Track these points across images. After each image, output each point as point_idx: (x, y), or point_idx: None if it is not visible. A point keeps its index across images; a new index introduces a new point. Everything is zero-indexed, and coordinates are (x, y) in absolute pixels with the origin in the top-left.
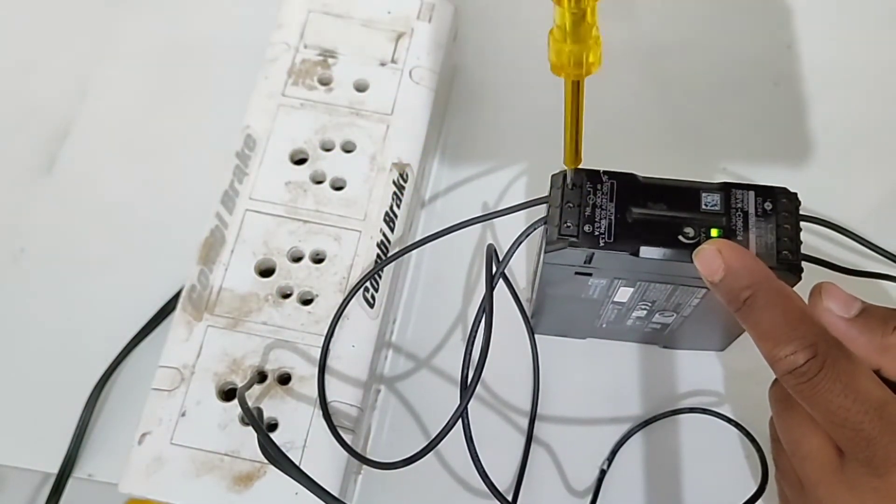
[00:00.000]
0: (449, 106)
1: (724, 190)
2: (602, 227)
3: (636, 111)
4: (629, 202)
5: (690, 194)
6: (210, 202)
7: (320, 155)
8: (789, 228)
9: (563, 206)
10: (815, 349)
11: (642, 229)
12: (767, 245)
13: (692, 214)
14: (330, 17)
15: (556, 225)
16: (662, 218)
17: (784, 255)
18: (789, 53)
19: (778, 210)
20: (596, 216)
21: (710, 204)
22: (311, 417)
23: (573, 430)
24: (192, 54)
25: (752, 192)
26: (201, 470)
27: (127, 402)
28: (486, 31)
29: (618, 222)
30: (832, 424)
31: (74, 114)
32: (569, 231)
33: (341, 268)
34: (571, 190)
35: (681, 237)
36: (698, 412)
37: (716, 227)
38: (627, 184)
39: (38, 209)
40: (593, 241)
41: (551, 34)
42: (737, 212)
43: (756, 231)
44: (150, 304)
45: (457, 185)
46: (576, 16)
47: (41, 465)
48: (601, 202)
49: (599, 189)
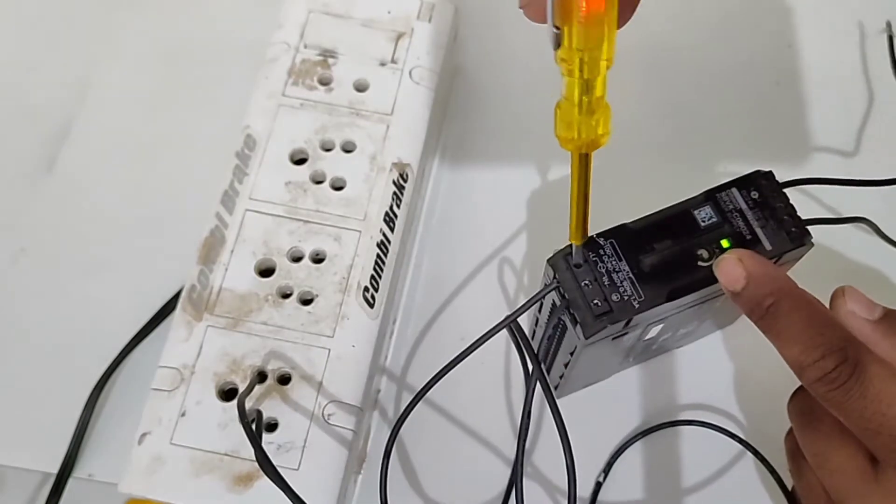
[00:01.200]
0: (449, 106)
1: (711, 198)
2: (628, 290)
3: (637, 111)
4: (636, 253)
5: (683, 218)
6: (210, 202)
7: (320, 155)
8: (782, 206)
9: (582, 287)
10: (844, 353)
11: (663, 272)
12: (775, 232)
13: (697, 236)
14: (330, 17)
15: (586, 308)
16: (673, 253)
17: (792, 231)
18: (790, 53)
19: (764, 194)
20: (616, 281)
21: (705, 219)
22: (311, 418)
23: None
24: (192, 54)
25: (734, 189)
26: (201, 470)
27: (127, 402)
28: (487, 31)
29: (638, 278)
30: (867, 431)
31: (74, 114)
32: (601, 309)
33: (341, 268)
34: (580, 269)
35: (699, 263)
36: (696, 425)
37: (724, 238)
38: (624, 236)
39: (38, 209)
40: (629, 308)
41: (559, 107)
42: (732, 213)
43: (758, 223)
44: (150, 304)
45: (457, 185)
46: (587, 86)
47: (41, 465)
48: (612, 266)
49: (603, 254)
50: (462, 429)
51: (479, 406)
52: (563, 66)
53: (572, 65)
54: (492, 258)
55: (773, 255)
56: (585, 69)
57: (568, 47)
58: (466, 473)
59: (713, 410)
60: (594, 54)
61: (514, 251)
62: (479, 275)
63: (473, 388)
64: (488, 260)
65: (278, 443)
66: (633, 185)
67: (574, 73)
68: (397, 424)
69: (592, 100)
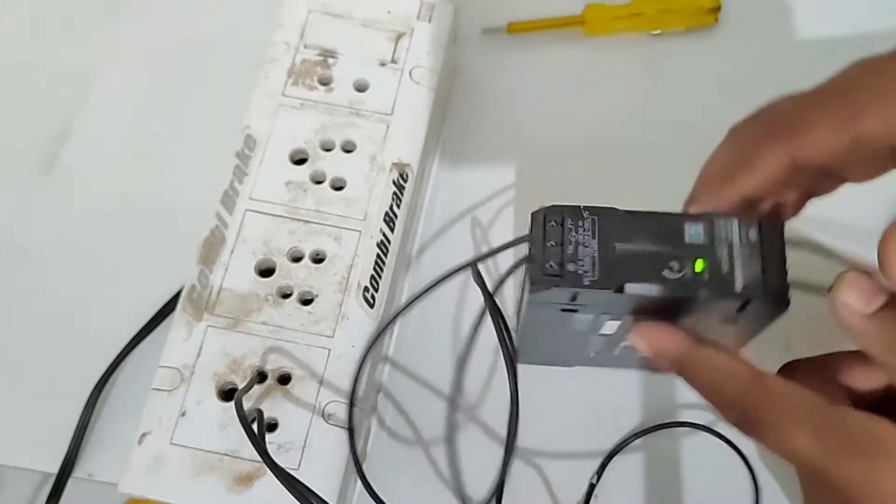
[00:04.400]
0: (449, 106)
1: (707, 220)
2: (586, 265)
3: (637, 110)
4: (612, 238)
5: (673, 226)
6: (210, 202)
7: (320, 155)
8: (775, 256)
9: (545, 245)
10: (739, 410)
11: (626, 265)
12: (754, 275)
13: (676, 247)
14: (330, 17)
15: (540, 265)
16: (646, 253)
17: (771, 284)
18: (790, 53)
19: (763, 238)
20: (579, 254)
21: (693, 235)
22: (311, 418)
23: (561, 443)
24: (192, 54)
25: (735, 221)
26: (201, 470)
27: (127, 402)
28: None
29: (601, 259)
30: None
31: (74, 114)
32: (552, 271)
33: (341, 268)
34: (553, 228)
35: (666, 272)
36: (688, 426)
37: (700, 259)
38: (609, 218)
39: (38, 209)
40: (577, 280)
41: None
42: (721, 243)
43: (741, 262)
44: (150, 304)
45: (457, 185)
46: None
47: (41, 465)
48: (583, 239)
49: (581, 226)
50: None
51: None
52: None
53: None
54: (491, 258)
55: (741, 298)
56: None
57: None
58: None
59: (704, 410)
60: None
61: (513, 251)
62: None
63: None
64: (488, 260)
65: (278, 443)
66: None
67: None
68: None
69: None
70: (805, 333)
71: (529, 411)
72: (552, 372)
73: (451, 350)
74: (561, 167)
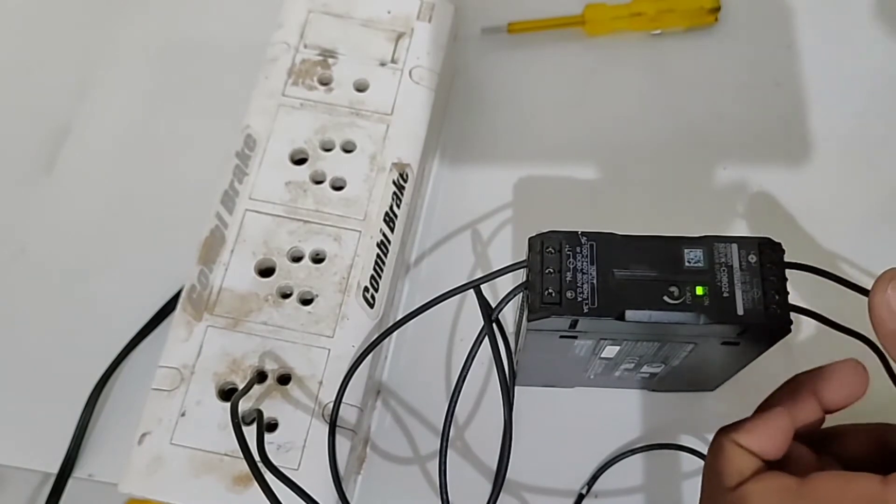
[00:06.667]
0: (449, 106)
1: (707, 244)
2: (585, 293)
3: (637, 110)
4: (610, 263)
5: (672, 251)
6: (210, 202)
7: (320, 155)
8: (775, 281)
9: (544, 272)
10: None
11: (626, 292)
12: (755, 300)
13: (675, 273)
14: (330, 17)
15: (539, 293)
16: (646, 278)
17: (772, 309)
18: (790, 53)
19: (763, 262)
20: (578, 281)
21: (692, 260)
22: (311, 418)
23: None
24: (192, 54)
25: (734, 245)
26: (201, 470)
27: (127, 402)
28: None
29: (600, 286)
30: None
31: (74, 114)
32: (551, 299)
33: (341, 268)
34: (550, 255)
35: (666, 297)
36: (672, 448)
37: (700, 286)
38: (607, 244)
39: (38, 209)
40: (576, 307)
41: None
42: (721, 267)
43: (742, 286)
44: (150, 304)
45: (457, 185)
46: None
47: (41, 465)
48: (581, 265)
49: (579, 252)
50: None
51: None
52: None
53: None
54: (491, 258)
55: (742, 323)
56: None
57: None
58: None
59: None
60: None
61: (513, 251)
62: (479, 275)
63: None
64: (488, 260)
65: (278, 443)
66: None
67: None
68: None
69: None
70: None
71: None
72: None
73: (445, 359)
74: (561, 166)
